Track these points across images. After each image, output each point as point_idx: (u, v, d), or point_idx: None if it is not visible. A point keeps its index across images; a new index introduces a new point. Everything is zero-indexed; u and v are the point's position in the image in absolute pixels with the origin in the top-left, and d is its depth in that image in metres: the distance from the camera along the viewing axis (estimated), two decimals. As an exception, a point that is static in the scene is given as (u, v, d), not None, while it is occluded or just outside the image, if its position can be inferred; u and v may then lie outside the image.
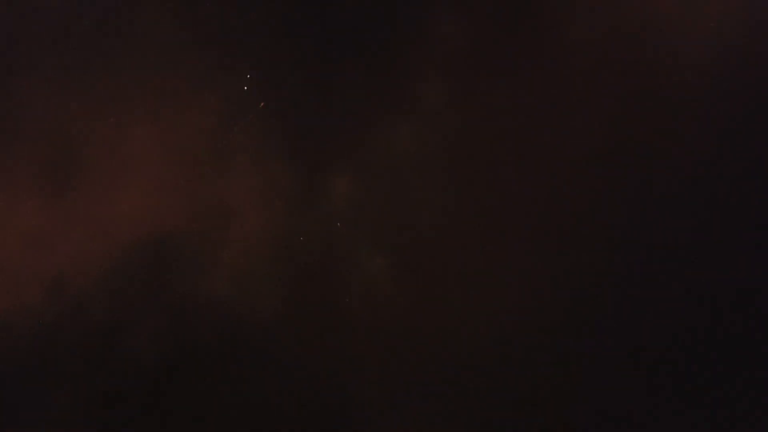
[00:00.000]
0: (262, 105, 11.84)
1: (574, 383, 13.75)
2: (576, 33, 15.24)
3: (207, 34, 15.01)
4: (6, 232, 14.00)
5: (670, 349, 13.81)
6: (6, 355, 13.40)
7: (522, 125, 15.02)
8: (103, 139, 14.60)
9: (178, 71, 14.85)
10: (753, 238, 14.37)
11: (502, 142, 14.98)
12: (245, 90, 14.92)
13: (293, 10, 15.21)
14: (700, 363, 13.63)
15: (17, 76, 14.54)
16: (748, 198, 14.54)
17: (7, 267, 13.82)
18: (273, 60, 15.09)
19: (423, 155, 14.90)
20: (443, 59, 15.24)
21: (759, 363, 13.58)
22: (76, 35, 14.70)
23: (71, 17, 14.77)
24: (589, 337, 13.93)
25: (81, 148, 14.51)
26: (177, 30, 14.91)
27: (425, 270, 14.43)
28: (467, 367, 13.86)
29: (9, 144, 14.30)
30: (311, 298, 14.23)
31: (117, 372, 13.48)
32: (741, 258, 14.28)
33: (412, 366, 13.78)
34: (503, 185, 14.81)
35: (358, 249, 14.50)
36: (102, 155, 14.57)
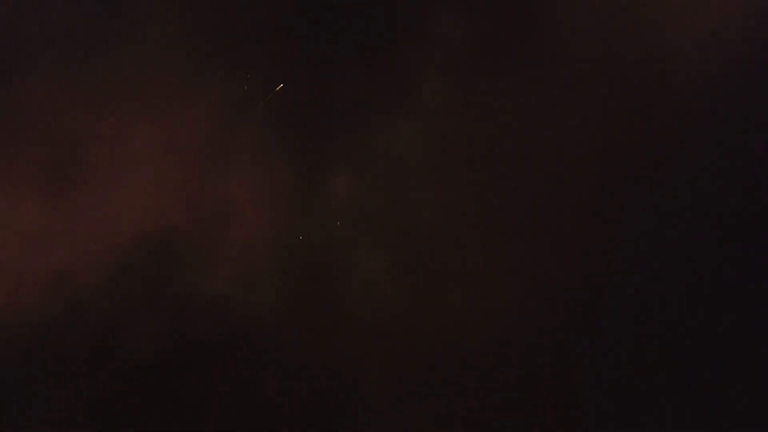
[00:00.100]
0: (279, 88, 11.80)
1: (574, 383, 13.74)
2: (576, 33, 15.27)
3: (207, 33, 15.04)
4: (7, 231, 14.01)
5: (670, 349, 13.80)
6: (6, 354, 13.40)
7: (522, 125, 15.03)
8: (104, 139, 14.63)
9: (178, 71, 14.88)
10: (753, 237, 14.39)
11: (501, 141, 14.99)
12: (245, 89, 14.95)
13: (294, 10, 15.24)
14: (700, 363, 13.62)
15: (18, 75, 14.57)
16: (748, 198, 14.56)
17: (8, 266, 13.82)
18: (273, 60, 15.12)
19: (423, 155, 14.92)
20: (443, 59, 15.26)
21: (759, 363, 13.57)
22: (77, 35, 14.74)
23: (72, 17, 14.80)
24: (589, 337, 13.92)
25: (81, 147, 14.52)
26: (177, 29, 14.94)
27: (425, 269, 14.44)
28: (467, 367, 13.85)
29: (9, 143, 14.33)
30: (311, 297, 14.23)
31: (117, 371, 13.48)
32: (741, 258, 14.29)
33: (412, 365, 13.78)
34: (503, 185, 14.82)
35: (358, 248, 14.51)
36: (102, 155, 14.59)
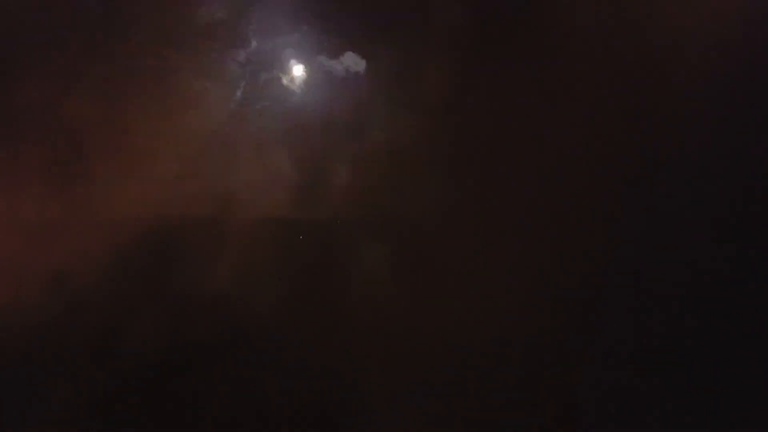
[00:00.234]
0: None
1: (574, 383, 13.73)
2: (577, 30, 15.27)
3: (208, 26, 15.04)
4: (7, 228, 14.01)
5: (670, 349, 13.79)
6: (6, 352, 13.40)
7: (523, 121, 15.03)
8: (105, 136, 14.63)
9: (179, 66, 14.88)
10: (753, 237, 14.39)
11: (503, 138, 14.98)
12: (246, 86, 14.94)
13: (295, 3, 15.25)
14: (700, 363, 13.62)
15: (19, 71, 14.57)
16: (748, 198, 14.56)
17: (8, 263, 13.82)
18: (274, 55, 15.13)
19: (425, 152, 14.91)
20: (445, 54, 15.26)
21: (759, 363, 13.57)
22: (79, 31, 14.73)
23: (74, 12, 14.80)
24: (590, 336, 13.92)
25: (82, 145, 14.53)
26: (178, 24, 14.94)
27: (426, 267, 14.43)
28: (467, 366, 13.84)
29: (11, 140, 14.33)
30: (312, 295, 14.22)
31: (117, 369, 13.47)
32: (741, 258, 14.29)
33: (412, 364, 13.77)
34: (504, 182, 14.81)
35: (359, 246, 14.51)
36: (103, 152, 14.59)
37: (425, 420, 13.61)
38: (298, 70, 15.19)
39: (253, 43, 15.14)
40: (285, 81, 15.20)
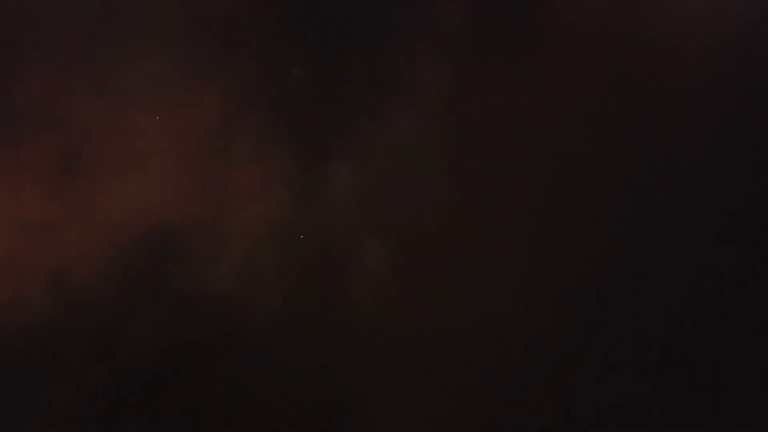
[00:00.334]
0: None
1: (574, 383, 13.72)
2: (579, 28, 15.27)
3: (208, 24, 15.02)
4: (8, 227, 14.00)
5: (670, 349, 13.78)
6: (6, 352, 13.39)
7: (523, 119, 15.02)
8: (106, 134, 14.63)
9: (182, 65, 14.87)
10: (753, 237, 14.39)
11: (503, 135, 14.98)
12: (246, 84, 14.91)
13: (297, 1, 15.24)
14: (700, 363, 13.61)
15: (22, 69, 14.57)
16: (748, 197, 14.56)
17: (8, 262, 13.81)
18: (276, 53, 15.11)
19: (426, 149, 14.90)
20: (446, 52, 15.24)
21: (759, 363, 13.56)
22: (82, 27, 14.72)
23: (74, 11, 14.79)
24: (590, 336, 13.91)
25: (82, 144, 14.53)
26: (180, 22, 14.93)
27: (426, 265, 14.41)
28: (468, 365, 13.82)
29: (11, 140, 14.33)
30: (312, 292, 14.21)
31: (117, 369, 13.46)
32: (741, 257, 14.29)
33: (412, 363, 13.75)
34: (505, 179, 14.80)
35: (359, 244, 14.49)
36: (104, 149, 14.59)
37: (425, 420, 13.60)
38: (298, 67, 15.19)
39: (254, 41, 15.13)
40: (286, 79, 15.19)
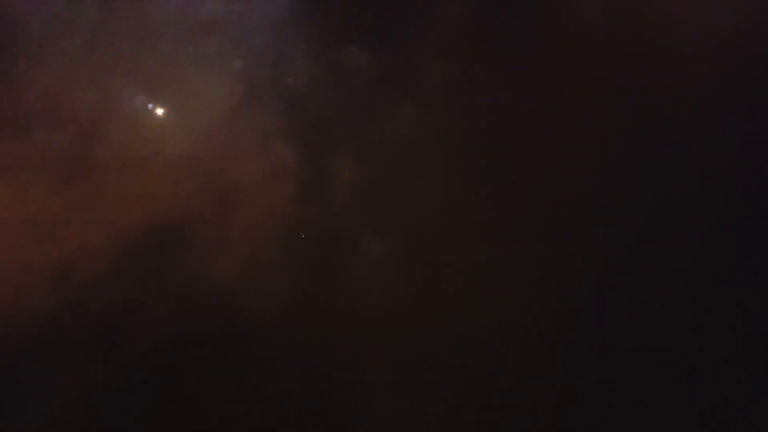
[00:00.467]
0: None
1: (574, 383, 13.77)
2: (581, 26, 15.27)
3: (212, 21, 14.94)
4: (11, 221, 13.92)
5: (670, 349, 13.85)
6: (8, 347, 13.34)
7: (525, 115, 15.02)
8: (109, 131, 14.55)
9: (185, 58, 14.78)
10: (753, 237, 14.46)
11: (506, 131, 14.97)
12: (250, 80, 14.84)
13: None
14: (700, 363, 13.68)
15: (26, 64, 14.46)
16: (748, 197, 14.63)
17: (12, 257, 13.74)
18: (278, 50, 15.04)
19: (428, 144, 14.90)
20: (449, 47, 15.21)
21: (759, 363, 13.64)
22: (87, 23, 14.62)
23: (78, 6, 14.70)
24: (590, 336, 13.96)
25: (86, 138, 14.47)
26: (183, 19, 14.84)
27: (428, 260, 14.41)
28: (468, 365, 13.85)
29: (14, 136, 14.24)
30: (315, 288, 14.19)
31: (121, 363, 13.44)
32: (741, 257, 14.36)
33: (414, 356, 13.76)
34: (506, 176, 14.82)
35: (362, 238, 14.47)
36: (107, 146, 14.53)
37: (426, 419, 13.64)
38: (301, 64, 15.13)
39: (257, 37, 15.05)
40: (288, 75, 15.14)
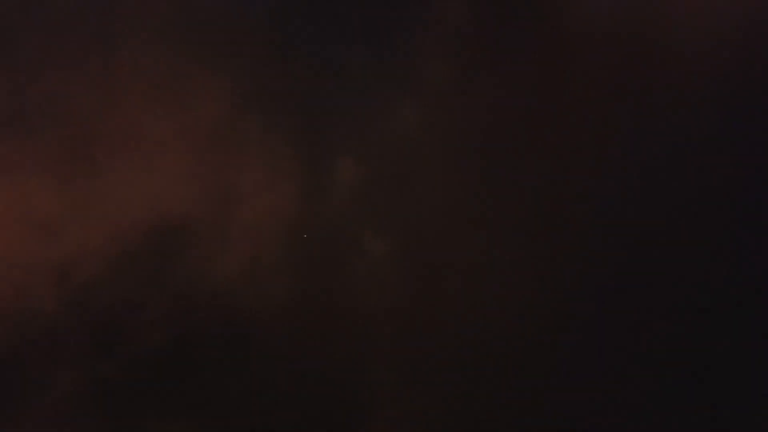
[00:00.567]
0: None
1: (575, 383, 13.76)
2: (579, 24, 15.28)
3: (213, 20, 14.98)
4: (12, 220, 13.98)
5: (670, 349, 13.84)
6: (11, 345, 13.39)
7: (526, 115, 15.03)
8: (111, 130, 14.60)
9: (187, 60, 14.82)
10: (753, 237, 14.45)
11: (507, 131, 14.98)
12: (251, 80, 14.87)
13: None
14: (700, 363, 13.66)
15: (29, 64, 14.52)
16: (749, 197, 14.62)
17: (13, 256, 13.79)
18: (279, 48, 15.07)
19: (429, 144, 14.90)
20: (450, 46, 15.23)
21: (759, 363, 13.62)
22: (87, 24, 14.68)
23: (84, 5, 14.75)
24: (590, 336, 13.96)
25: (88, 138, 14.52)
26: (185, 17, 14.89)
27: (429, 260, 14.42)
28: (469, 365, 13.85)
29: (16, 136, 14.29)
30: (316, 288, 14.21)
31: (121, 363, 13.47)
32: (741, 257, 14.34)
33: (415, 356, 13.77)
34: (508, 175, 14.83)
35: (363, 238, 14.49)
36: (109, 146, 14.57)
37: (426, 419, 13.63)
38: (302, 63, 15.16)
39: (259, 36, 15.09)
40: (290, 75, 15.16)
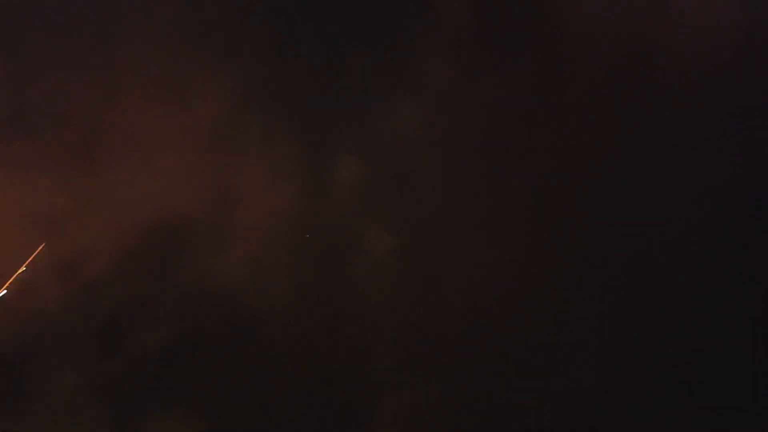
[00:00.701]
0: None
1: (575, 383, 13.73)
2: (579, 24, 15.30)
3: (215, 21, 15.05)
4: (18, 218, 14.07)
5: (670, 349, 13.80)
6: (17, 341, 13.46)
7: (527, 114, 15.04)
8: (115, 129, 14.70)
9: (189, 61, 14.90)
10: (753, 237, 14.42)
11: (507, 130, 14.99)
12: (252, 81, 14.94)
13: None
14: (700, 363, 13.61)
15: (32, 65, 14.63)
16: (749, 197, 14.60)
17: (17, 253, 13.87)
18: (280, 48, 15.12)
19: (430, 143, 14.92)
20: (451, 46, 15.25)
21: (759, 363, 13.56)
22: (91, 25, 14.79)
23: (87, 6, 14.87)
24: (591, 336, 13.94)
25: (93, 137, 14.62)
26: (187, 19, 14.97)
27: (431, 258, 14.42)
28: (470, 365, 13.83)
29: (23, 133, 14.40)
30: (318, 285, 14.23)
31: (125, 360, 13.51)
32: (741, 257, 14.32)
33: (416, 354, 13.76)
34: (508, 174, 14.83)
35: (364, 237, 14.50)
36: (113, 145, 14.67)
37: (427, 419, 13.62)
38: (302, 65, 15.24)
39: (261, 37, 15.17)
40: (290, 75, 15.24)
